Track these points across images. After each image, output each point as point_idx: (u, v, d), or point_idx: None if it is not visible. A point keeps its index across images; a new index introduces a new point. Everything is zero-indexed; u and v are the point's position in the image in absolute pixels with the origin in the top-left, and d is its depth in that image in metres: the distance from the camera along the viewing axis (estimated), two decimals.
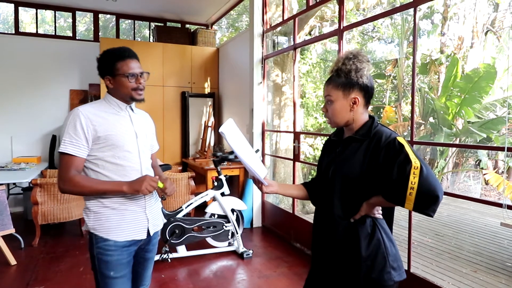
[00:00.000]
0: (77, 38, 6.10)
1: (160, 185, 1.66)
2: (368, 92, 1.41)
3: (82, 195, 1.60)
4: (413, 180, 1.20)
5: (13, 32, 5.71)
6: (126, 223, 1.63)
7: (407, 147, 1.27)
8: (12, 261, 3.51)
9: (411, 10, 2.71)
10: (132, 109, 1.75)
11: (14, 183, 5.06)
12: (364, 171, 1.34)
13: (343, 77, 1.39)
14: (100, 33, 6.33)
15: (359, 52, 1.40)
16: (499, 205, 2.23)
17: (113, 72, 1.64)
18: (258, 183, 1.51)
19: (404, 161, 1.24)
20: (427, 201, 1.21)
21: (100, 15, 6.27)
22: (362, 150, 1.36)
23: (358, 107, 1.40)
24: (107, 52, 1.68)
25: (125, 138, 1.65)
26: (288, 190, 1.63)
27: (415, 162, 1.23)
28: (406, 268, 2.74)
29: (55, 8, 5.81)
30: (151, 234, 1.72)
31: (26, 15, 11.32)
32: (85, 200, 1.66)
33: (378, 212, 1.40)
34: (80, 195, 1.60)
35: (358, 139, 1.39)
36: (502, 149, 2.26)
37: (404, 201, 1.23)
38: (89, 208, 1.63)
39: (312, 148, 8.00)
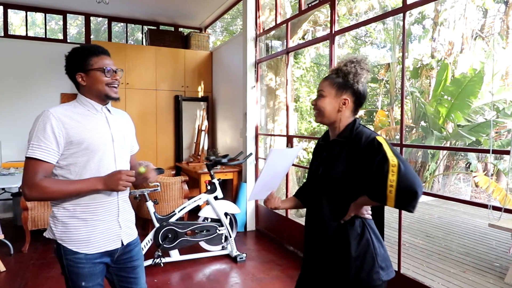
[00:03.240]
0: (68, 41, 6.06)
1: (142, 169, 1.55)
2: (359, 99, 1.45)
3: (53, 200, 1.48)
4: (392, 178, 1.24)
5: (2, 34, 5.64)
6: (97, 234, 1.52)
7: (385, 146, 1.30)
8: (1, 267, 3.47)
9: (402, 15, 2.75)
10: (108, 110, 1.61)
11: (3, 189, 4.98)
12: (348, 173, 1.38)
13: (341, 78, 1.44)
14: (92, 36, 6.31)
15: (364, 59, 1.44)
16: (485, 206, 2.28)
17: (85, 67, 1.52)
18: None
19: (382, 160, 1.27)
20: (407, 197, 1.24)
21: (92, 18, 6.25)
22: (345, 152, 1.40)
23: (346, 109, 1.44)
24: (78, 48, 1.57)
25: (100, 143, 1.52)
26: (286, 203, 1.73)
27: (393, 160, 1.26)
28: (397, 269, 2.77)
29: (46, 10, 5.78)
30: (125, 243, 1.62)
31: (16, 17, 11.23)
32: (52, 206, 1.53)
33: (367, 212, 1.43)
34: (50, 200, 1.49)
35: (341, 141, 1.43)
36: (487, 151, 2.31)
37: (385, 199, 1.26)
38: (57, 216, 1.50)
39: (306, 151, 8.04)
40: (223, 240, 3.84)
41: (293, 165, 4.23)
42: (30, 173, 1.42)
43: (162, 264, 3.50)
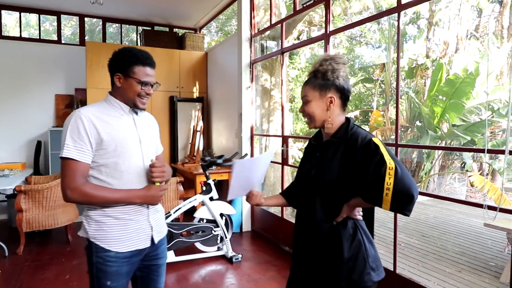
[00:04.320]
0: (62, 42, 6.03)
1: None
2: (344, 94, 1.44)
3: (91, 205, 1.51)
4: (389, 180, 1.23)
5: None
6: (129, 233, 1.56)
7: (382, 148, 1.30)
8: None
9: (396, 15, 2.75)
10: (136, 112, 1.64)
11: None
12: (343, 174, 1.36)
13: (320, 78, 1.42)
14: (86, 37, 6.28)
15: (336, 54, 1.44)
16: (480, 206, 2.28)
17: (127, 72, 1.54)
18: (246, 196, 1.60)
19: (379, 162, 1.26)
20: (403, 201, 1.24)
21: (86, 19, 6.22)
22: (340, 153, 1.38)
23: (334, 107, 1.42)
24: (129, 50, 1.57)
25: (128, 144, 1.56)
26: (270, 201, 1.72)
27: (390, 163, 1.25)
28: (392, 269, 2.77)
29: (40, 11, 5.74)
30: (156, 242, 1.66)
31: (10, 18, 11.17)
32: (86, 206, 1.57)
33: (359, 214, 1.42)
34: (88, 205, 1.52)
35: (336, 142, 1.41)
36: (482, 151, 2.31)
37: (381, 202, 1.26)
38: (91, 216, 1.54)
39: (302, 152, 8.05)
40: (218, 241, 3.83)
41: (289, 165, 4.23)
42: (69, 174, 1.45)
43: None
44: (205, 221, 3.82)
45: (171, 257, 3.62)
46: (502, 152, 2.16)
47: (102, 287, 1.55)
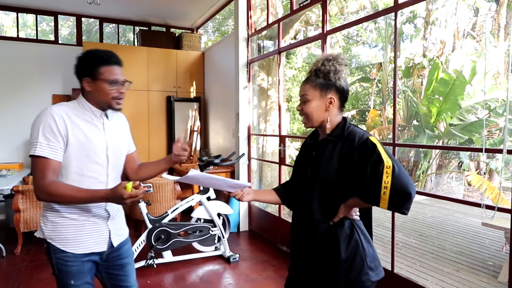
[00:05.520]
0: (59, 42, 6.02)
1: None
2: (343, 95, 1.43)
3: (60, 203, 1.48)
4: (386, 179, 1.23)
5: None
6: (85, 234, 1.53)
7: (379, 147, 1.29)
8: None
9: (393, 15, 2.76)
10: (106, 116, 1.61)
11: None
12: (340, 173, 1.35)
13: (322, 78, 1.41)
14: (83, 37, 6.26)
15: (339, 55, 1.42)
16: (478, 205, 2.28)
17: (94, 75, 1.51)
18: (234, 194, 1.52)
19: (377, 161, 1.26)
20: (401, 199, 1.23)
21: (83, 19, 6.21)
22: (337, 152, 1.37)
23: (333, 108, 1.42)
24: (91, 52, 1.55)
25: (94, 149, 1.52)
26: (263, 196, 1.64)
27: (387, 162, 1.25)
28: (390, 269, 2.78)
29: (37, 11, 5.72)
30: (115, 245, 1.63)
31: (7, 18, 11.12)
32: (44, 207, 1.54)
33: (355, 214, 1.41)
34: (57, 203, 1.49)
35: (333, 140, 1.40)
36: (480, 150, 2.31)
37: (379, 201, 1.25)
38: (47, 216, 1.52)
39: (298, 152, 8.05)
40: (216, 241, 3.82)
41: (286, 165, 4.22)
42: (40, 173, 1.41)
43: (155, 265, 3.47)
44: (202, 221, 3.82)
45: (168, 257, 3.61)
46: (500, 151, 2.16)
47: (67, 286, 1.53)
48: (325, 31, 3.38)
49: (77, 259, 1.52)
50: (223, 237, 3.79)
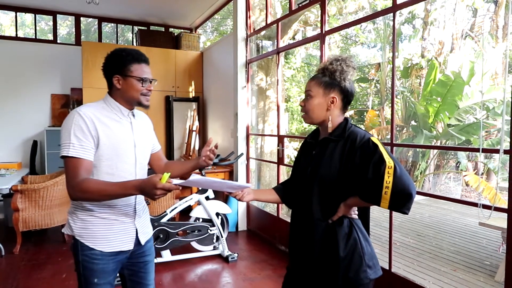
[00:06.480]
0: (58, 41, 6.02)
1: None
2: (347, 96, 1.45)
3: (93, 200, 1.49)
4: (388, 179, 1.24)
5: None
6: (114, 233, 1.56)
7: (380, 147, 1.31)
8: None
9: (392, 15, 2.77)
10: (133, 114, 1.64)
11: None
12: (340, 172, 1.36)
13: (327, 77, 1.43)
14: (82, 37, 6.26)
15: (349, 57, 1.44)
16: (476, 205, 2.30)
17: (125, 72, 1.54)
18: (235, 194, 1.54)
19: (379, 161, 1.27)
20: (402, 199, 1.25)
21: (82, 19, 6.21)
22: (338, 151, 1.39)
23: (335, 108, 1.44)
24: (122, 50, 1.57)
25: (123, 148, 1.55)
26: (263, 195, 1.66)
27: (389, 162, 1.26)
28: (388, 268, 2.79)
29: (35, 11, 5.73)
30: (142, 243, 1.67)
31: (5, 17, 11.10)
32: (73, 205, 1.56)
33: (354, 213, 1.43)
34: (91, 201, 1.50)
35: (333, 139, 1.42)
36: (477, 150, 2.33)
37: (380, 200, 1.26)
38: (76, 214, 1.54)
39: (297, 151, 8.07)
40: (214, 240, 3.83)
41: (284, 164, 4.24)
42: (72, 172, 1.43)
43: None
44: (201, 220, 3.83)
45: (167, 256, 3.62)
46: (497, 151, 2.18)
47: (90, 285, 1.55)
48: (323, 31, 3.39)
49: (104, 258, 1.55)
50: (222, 237, 3.80)
